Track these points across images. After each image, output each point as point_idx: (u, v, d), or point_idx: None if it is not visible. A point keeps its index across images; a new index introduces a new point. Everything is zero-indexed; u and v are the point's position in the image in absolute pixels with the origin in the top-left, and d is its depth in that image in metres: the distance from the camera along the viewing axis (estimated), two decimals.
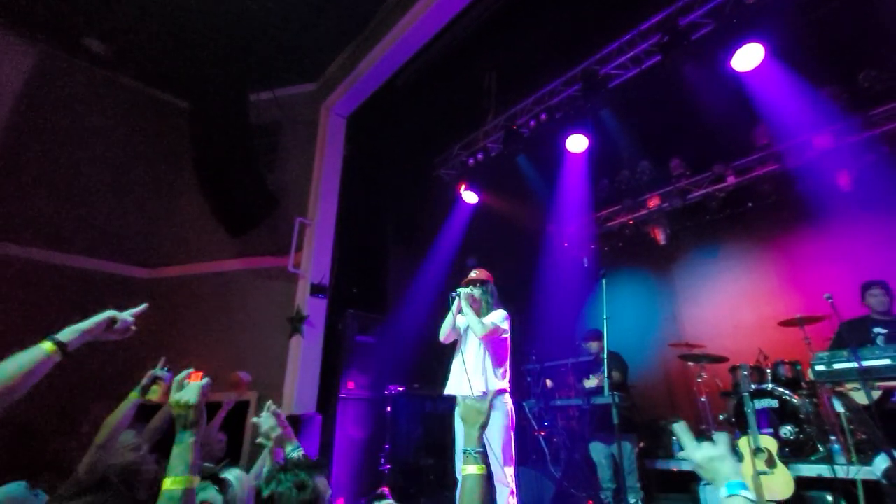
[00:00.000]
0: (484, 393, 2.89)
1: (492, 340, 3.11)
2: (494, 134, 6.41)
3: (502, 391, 3.06)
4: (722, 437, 1.25)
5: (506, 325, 3.17)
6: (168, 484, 1.26)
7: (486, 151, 6.49)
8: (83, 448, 1.95)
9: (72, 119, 5.33)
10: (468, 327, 3.18)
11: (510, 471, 2.92)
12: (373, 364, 5.29)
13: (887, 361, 2.96)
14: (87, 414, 4.44)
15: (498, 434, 2.92)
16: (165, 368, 2.28)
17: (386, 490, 4.50)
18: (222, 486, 2.02)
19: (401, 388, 5.20)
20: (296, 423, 4.00)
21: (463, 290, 3.13)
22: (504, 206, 7.32)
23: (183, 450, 1.32)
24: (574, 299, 7.40)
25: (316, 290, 4.99)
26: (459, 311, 3.12)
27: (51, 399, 4.39)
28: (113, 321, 1.57)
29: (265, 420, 2.00)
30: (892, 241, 5.00)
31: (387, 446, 4.80)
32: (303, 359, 4.68)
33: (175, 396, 1.39)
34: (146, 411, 2.32)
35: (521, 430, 5.02)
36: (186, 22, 4.86)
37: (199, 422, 1.38)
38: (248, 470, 2.35)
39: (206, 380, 1.45)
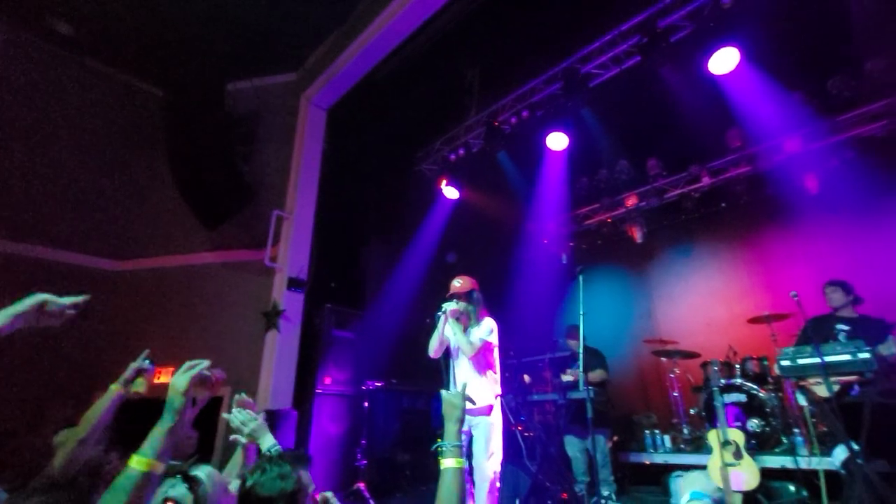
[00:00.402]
0: (489, 407, 3.06)
1: (482, 351, 3.16)
2: (476, 129, 6.40)
3: (495, 397, 3.15)
4: None
5: (493, 338, 3.21)
6: (133, 461, 1.26)
7: (467, 147, 6.48)
8: (47, 446, 1.88)
9: (36, 104, 5.09)
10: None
11: (497, 467, 3.00)
12: (350, 359, 5.25)
13: (847, 357, 3.08)
14: (46, 412, 4.28)
15: (490, 434, 3.02)
16: (149, 360, 2.21)
17: (362, 486, 4.48)
18: (192, 483, 1.97)
19: (378, 384, 5.18)
20: (271, 419, 3.94)
21: (448, 306, 3.15)
22: (484, 202, 7.34)
23: (158, 432, 1.33)
24: (552, 296, 7.49)
25: (293, 284, 4.91)
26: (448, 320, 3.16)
27: (11, 395, 4.22)
28: (44, 304, 1.50)
29: (236, 415, 1.96)
30: (856, 242, 5.22)
31: (363, 442, 4.77)
32: (278, 354, 4.60)
33: (173, 379, 1.41)
34: (128, 406, 2.23)
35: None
36: (161, 4, 4.69)
37: (181, 411, 1.38)
38: (221, 468, 2.30)
39: (202, 364, 1.46)
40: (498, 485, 2.97)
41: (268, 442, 1.91)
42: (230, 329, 4.98)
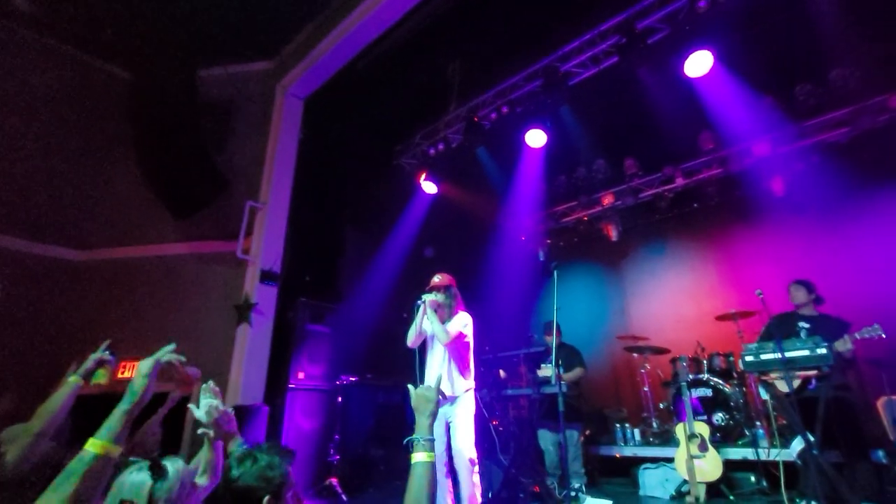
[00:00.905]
0: (453, 396, 3.20)
1: (456, 344, 3.27)
2: (456, 124, 6.38)
3: (468, 390, 3.26)
4: None
5: (468, 331, 3.33)
6: (88, 444, 1.24)
7: (447, 142, 6.45)
8: None
9: None
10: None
11: (474, 452, 3.14)
12: (325, 354, 5.18)
13: (806, 353, 3.22)
14: None
15: (465, 426, 3.16)
16: (109, 351, 2.14)
17: (334, 481, 4.44)
18: (159, 472, 1.90)
19: (353, 379, 5.14)
20: (242, 415, 3.86)
21: (427, 297, 3.26)
22: (463, 197, 7.34)
23: (116, 414, 1.33)
24: (528, 292, 7.57)
25: (266, 276, 4.81)
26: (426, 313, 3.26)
27: None
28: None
29: (203, 404, 1.89)
30: (820, 243, 5.44)
31: (337, 437, 4.73)
32: (250, 348, 4.50)
33: (140, 363, 1.45)
34: (89, 400, 2.13)
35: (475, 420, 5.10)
36: None
37: (140, 393, 1.39)
38: (187, 464, 2.23)
39: (168, 348, 1.52)
40: (477, 468, 3.11)
41: (234, 443, 1.86)
42: (200, 322, 4.84)
